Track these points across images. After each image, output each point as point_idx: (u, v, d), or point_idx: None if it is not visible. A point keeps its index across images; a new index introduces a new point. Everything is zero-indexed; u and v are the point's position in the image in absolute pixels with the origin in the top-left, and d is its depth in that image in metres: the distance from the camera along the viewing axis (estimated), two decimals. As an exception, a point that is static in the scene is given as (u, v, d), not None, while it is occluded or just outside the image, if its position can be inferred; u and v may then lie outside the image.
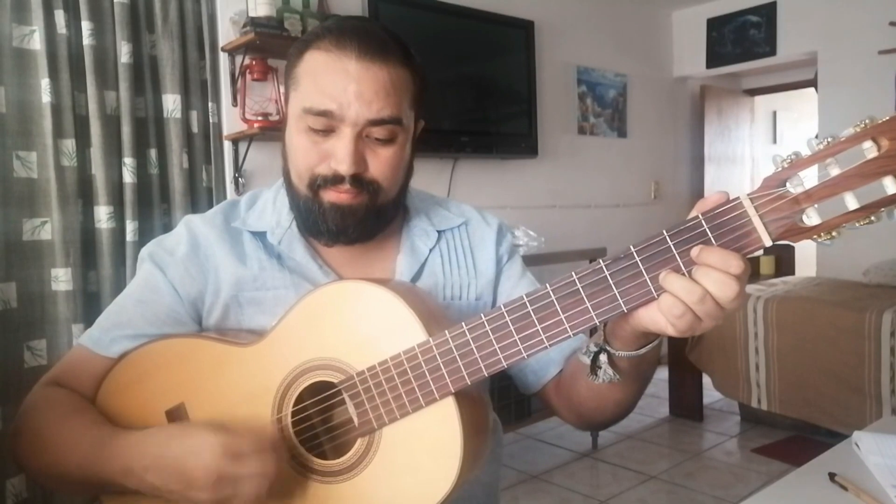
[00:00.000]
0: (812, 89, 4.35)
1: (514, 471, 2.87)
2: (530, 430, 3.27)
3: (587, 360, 0.73)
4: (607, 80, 4.10)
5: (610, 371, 0.72)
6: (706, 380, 3.37)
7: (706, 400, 3.57)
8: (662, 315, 0.63)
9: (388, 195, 0.87)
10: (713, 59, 4.43)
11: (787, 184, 0.59)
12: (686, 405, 3.51)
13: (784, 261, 4.66)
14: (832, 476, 0.92)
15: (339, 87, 0.80)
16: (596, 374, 0.73)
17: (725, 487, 2.69)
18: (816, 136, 0.60)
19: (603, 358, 0.72)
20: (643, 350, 0.71)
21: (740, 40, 4.28)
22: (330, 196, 0.84)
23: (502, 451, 1.06)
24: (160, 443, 0.75)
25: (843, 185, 0.57)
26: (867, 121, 0.57)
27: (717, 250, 0.61)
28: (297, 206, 0.88)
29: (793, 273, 4.55)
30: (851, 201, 0.57)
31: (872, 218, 0.57)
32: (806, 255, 4.48)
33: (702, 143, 4.86)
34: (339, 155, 0.81)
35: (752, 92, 5.56)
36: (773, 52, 4.15)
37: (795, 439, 3.16)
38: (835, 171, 0.57)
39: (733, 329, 3.10)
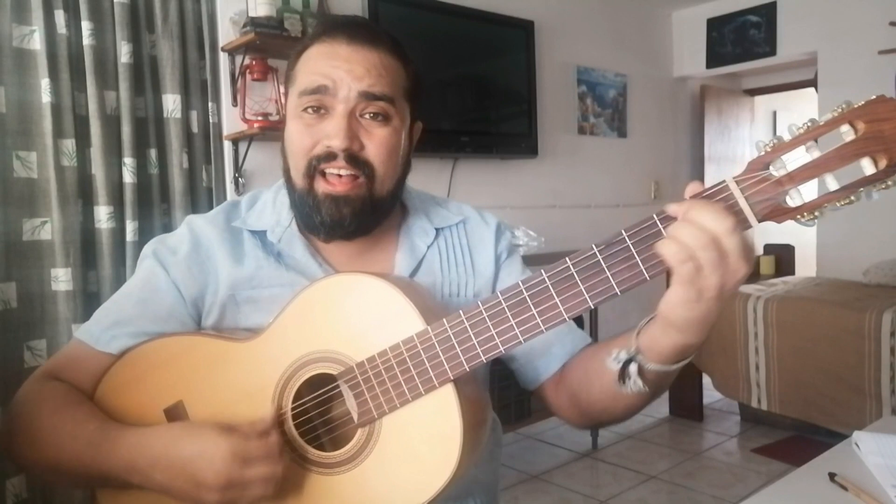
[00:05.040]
0: (812, 89, 4.35)
1: (514, 471, 2.87)
2: (530, 430, 3.27)
3: (616, 367, 0.73)
4: (607, 80, 4.10)
5: (640, 382, 0.72)
6: (706, 380, 3.37)
7: (706, 400, 3.57)
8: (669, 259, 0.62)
9: (384, 185, 0.86)
10: (713, 59, 4.43)
11: (771, 167, 0.61)
12: (686, 405, 3.51)
13: (784, 261, 4.65)
14: (832, 476, 0.92)
15: (331, 66, 0.84)
16: (624, 383, 0.73)
17: (725, 487, 2.69)
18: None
19: (633, 368, 0.72)
20: (675, 366, 0.70)
21: (740, 40, 4.28)
22: (324, 187, 0.84)
23: (501, 451, 1.06)
24: (168, 443, 0.75)
25: (824, 167, 0.60)
26: (844, 105, 0.59)
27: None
28: (295, 202, 0.89)
29: (793, 273, 4.54)
30: (832, 182, 0.60)
31: (852, 198, 0.60)
32: (806, 255, 4.48)
33: (702, 143, 4.86)
34: (331, 130, 0.83)
35: (752, 92, 5.55)
36: (773, 52, 4.14)
37: (795, 439, 3.16)
38: (815, 154, 0.60)
39: (733, 329, 3.10)
